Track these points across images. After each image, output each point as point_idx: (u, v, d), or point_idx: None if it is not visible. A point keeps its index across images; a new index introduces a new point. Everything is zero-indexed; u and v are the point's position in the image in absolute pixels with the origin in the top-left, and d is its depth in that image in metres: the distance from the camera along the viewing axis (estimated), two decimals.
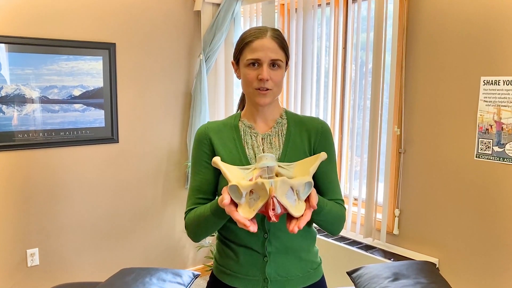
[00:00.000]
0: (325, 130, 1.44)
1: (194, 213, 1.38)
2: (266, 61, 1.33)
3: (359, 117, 2.86)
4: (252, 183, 1.17)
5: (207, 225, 1.34)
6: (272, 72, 1.34)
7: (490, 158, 2.22)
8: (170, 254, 3.64)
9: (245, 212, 1.17)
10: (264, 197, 1.15)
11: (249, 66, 1.35)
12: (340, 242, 2.79)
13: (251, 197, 1.18)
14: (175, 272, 2.13)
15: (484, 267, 2.30)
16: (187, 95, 3.60)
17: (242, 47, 1.38)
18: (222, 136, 1.42)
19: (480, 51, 2.23)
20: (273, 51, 1.34)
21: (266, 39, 1.34)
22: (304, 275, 1.42)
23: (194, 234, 1.40)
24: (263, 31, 1.36)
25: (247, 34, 1.38)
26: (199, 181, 1.41)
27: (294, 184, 1.18)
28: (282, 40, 1.38)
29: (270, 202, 1.13)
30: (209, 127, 1.44)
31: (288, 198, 1.17)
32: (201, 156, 1.42)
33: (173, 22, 3.46)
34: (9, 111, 2.83)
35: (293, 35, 3.19)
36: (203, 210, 1.34)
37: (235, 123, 1.45)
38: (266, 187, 1.13)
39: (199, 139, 1.43)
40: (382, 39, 2.55)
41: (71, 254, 3.16)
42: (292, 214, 1.16)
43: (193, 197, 1.42)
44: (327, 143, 1.43)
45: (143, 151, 3.42)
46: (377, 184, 2.67)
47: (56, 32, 2.96)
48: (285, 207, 1.15)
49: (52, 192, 3.05)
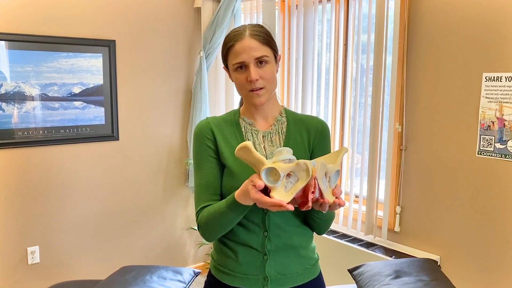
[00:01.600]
0: (324, 129, 1.44)
1: (207, 211, 1.33)
2: (251, 61, 1.31)
3: (360, 114, 2.85)
4: (292, 165, 1.13)
5: (223, 222, 1.31)
6: (260, 70, 1.32)
7: (492, 155, 2.21)
8: (170, 251, 3.64)
9: (281, 195, 1.12)
10: (303, 179, 1.12)
11: (237, 70, 1.34)
12: (341, 239, 2.79)
13: (288, 180, 1.14)
14: (176, 270, 2.12)
15: (485, 264, 2.29)
16: (187, 92, 3.59)
17: (226, 53, 1.37)
18: (224, 132, 1.41)
19: (482, 47, 2.21)
20: (256, 49, 1.31)
21: (246, 39, 1.32)
22: (303, 272, 1.42)
23: (210, 233, 1.36)
24: (242, 31, 1.34)
25: (227, 39, 1.36)
26: (207, 176, 1.37)
27: (329, 170, 1.16)
28: (263, 35, 1.34)
29: (311, 183, 1.11)
30: (211, 122, 1.42)
31: (323, 183, 1.15)
32: (205, 151, 1.39)
33: (173, 19, 3.45)
34: (9, 109, 2.82)
35: (293, 32, 3.17)
36: (217, 208, 1.30)
37: (235, 119, 1.44)
38: (309, 167, 1.11)
39: (201, 134, 1.40)
40: (383, 36, 2.53)
41: (71, 252, 3.16)
42: (326, 200, 1.14)
43: (203, 194, 1.37)
44: (325, 142, 1.44)
45: (144, 148, 3.41)
46: (378, 181, 2.67)
47: (56, 30, 2.95)
48: (322, 192, 1.13)
49: (52, 190, 3.04)
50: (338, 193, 1.19)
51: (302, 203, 1.14)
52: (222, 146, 1.39)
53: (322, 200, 1.15)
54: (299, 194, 1.14)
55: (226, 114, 1.48)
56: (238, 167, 1.35)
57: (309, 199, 1.11)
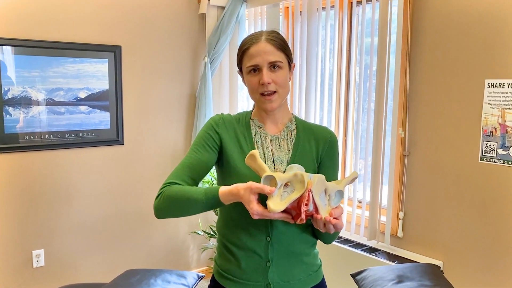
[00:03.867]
0: (333, 140, 1.46)
1: (179, 189, 1.32)
2: (265, 65, 1.33)
3: (363, 119, 2.87)
4: (290, 175, 1.16)
5: (189, 207, 1.30)
6: (273, 74, 1.34)
7: (494, 161, 2.22)
8: (174, 255, 3.65)
9: (276, 204, 1.14)
10: (299, 191, 1.14)
11: (250, 72, 1.36)
12: (344, 244, 2.79)
13: (285, 190, 1.17)
14: (180, 274, 2.14)
15: (488, 270, 2.30)
16: (191, 97, 3.62)
17: (241, 56, 1.39)
18: (236, 131, 1.43)
19: (484, 53, 2.23)
20: (270, 53, 1.34)
21: (262, 43, 1.34)
22: (306, 278, 1.43)
23: (166, 210, 1.34)
24: (258, 36, 1.36)
25: (244, 42, 1.39)
26: (195, 159, 1.38)
27: (328, 187, 1.18)
28: (279, 41, 1.37)
29: (305, 195, 1.12)
30: (224, 119, 1.44)
31: (321, 199, 1.17)
32: (206, 139, 1.41)
33: (178, 25, 3.48)
34: (15, 113, 2.86)
35: (297, 38, 3.20)
36: (192, 191, 1.30)
37: (246, 120, 1.46)
38: (305, 179, 1.13)
39: (212, 126, 1.42)
40: (386, 42, 2.55)
41: (76, 255, 3.17)
42: (320, 215, 1.15)
43: (181, 172, 1.37)
44: (333, 153, 1.45)
45: (148, 152, 3.44)
46: (381, 187, 2.67)
47: (62, 35, 2.99)
48: (316, 206, 1.14)
49: (58, 194, 3.07)
50: (336, 213, 1.20)
51: (296, 214, 1.15)
52: (229, 145, 1.40)
53: (315, 216, 1.17)
54: (293, 205, 1.15)
55: (239, 113, 1.50)
56: (245, 169, 1.36)
57: (302, 210, 1.13)
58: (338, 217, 1.21)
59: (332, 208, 1.20)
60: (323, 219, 1.17)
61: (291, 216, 1.18)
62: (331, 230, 1.21)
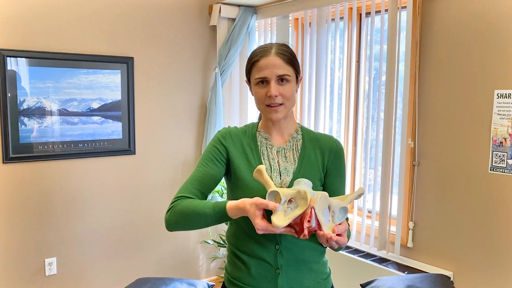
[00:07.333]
0: (339, 149, 1.47)
1: (189, 203, 1.35)
2: (273, 78, 1.36)
3: (373, 129, 2.88)
4: (293, 191, 1.18)
5: (198, 221, 1.33)
6: (280, 87, 1.37)
7: (504, 171, 2.21)
8: (184, 264, 3.67)
9: (279, 219, 1.16)
10: (302, 207, 1.16)
11: (258, 84, 1.39)
12: (354, 254, 2.79)
13: (289, 206, 1.19)
14: (190, 282, 2.16)
15: (499, 281, 2.28)
16: (202, 107, 3.66)
17: (250, 67, 1.42)
18: (242, 143, 1.45)
19: (494, 64, 2.24)
20: (279, 67, 1.36)
21: (271, 57, 1.37)
22: (315, 286, 1.44)
23: (176, 223, 1.37)
24: (268, 49, 1.39)
25: (253, 54, 1.41)
26: (203, 172, 1.41)
27: (332, 204, 1.20)
28: (288, 55, 1.39)
29: (308, 211, 1.14)
30: (231, 132, 1.47)
31: (324, 216, 1.19)
32: (214, 152, 1.43)
33: (190, 36, 3.54)
34: (30, 123, 2.91)
35: (307, 49, 3.23)
36: (201, 205, 1.33)
37: (252, 132, 1.48)
38: (308, 196, 1.15)
39: (219, 140, 1.45)
40: (395, 52, 2.57)
41: (88, 263, 3.21)
42: (322, 231, 1.17)
43: (191, 186, 1.40)
44: (339, 162, 1.47)
45: (159, 162, 3.48)
46: (391, 197, 2.67)
47: (76, 47, 3.05)
48: (319, 223, 1.16)
49: (70, 203, 3.11)
50: (339, 230, 1.21)
51: (299, 230, 1.17)
52: (236, 157, 1.42)
53: (318, 232, 1.19)
54: (296, 220, 1.17)
55: (246, 126, 1.52)
56: (253, 181, 1.38)
57: (304, 227, 1.14)
58: (342, 234, 1.22)
59: (335, 225, 1.22)
60: (325, 236, 1.18)
61: (295, 231, 1.20)
62: (334, 246, 1.23)
